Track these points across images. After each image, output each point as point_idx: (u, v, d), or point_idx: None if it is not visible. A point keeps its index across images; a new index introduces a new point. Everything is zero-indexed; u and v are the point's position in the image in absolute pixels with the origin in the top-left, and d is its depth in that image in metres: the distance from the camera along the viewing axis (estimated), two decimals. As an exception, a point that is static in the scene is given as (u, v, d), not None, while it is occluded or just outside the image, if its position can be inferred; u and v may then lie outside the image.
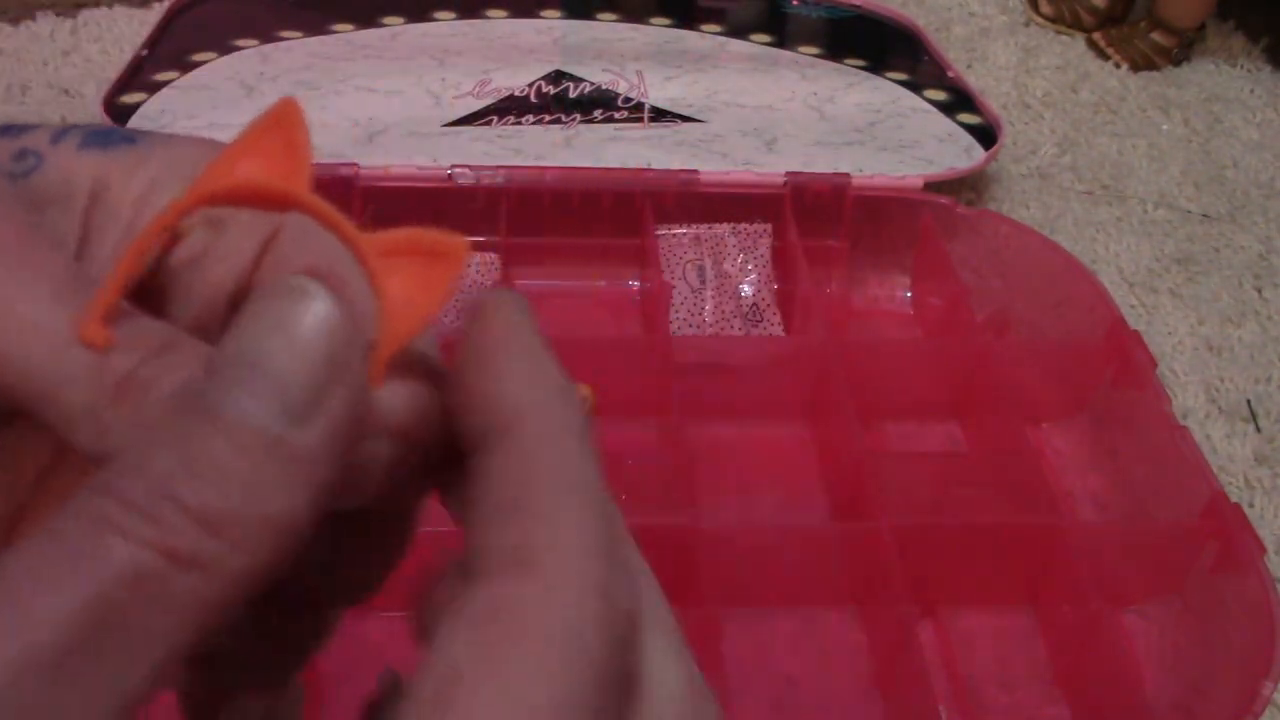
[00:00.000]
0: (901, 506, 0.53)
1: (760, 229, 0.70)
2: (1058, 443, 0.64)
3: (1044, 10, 1.06)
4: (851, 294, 0.72)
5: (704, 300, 0.68)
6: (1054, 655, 0.53)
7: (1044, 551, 0.53)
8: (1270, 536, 0.60)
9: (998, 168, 0.86)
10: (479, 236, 0.68)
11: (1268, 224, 0.84)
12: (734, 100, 0.82)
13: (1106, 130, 0.93)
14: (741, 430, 0.63)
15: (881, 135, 0.78)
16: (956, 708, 0.51)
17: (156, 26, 0.86)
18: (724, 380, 0.61)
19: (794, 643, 0.53)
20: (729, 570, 0.51)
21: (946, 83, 0.86)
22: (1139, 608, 0.55)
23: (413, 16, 0.91)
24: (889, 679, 0.51)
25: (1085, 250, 0.79)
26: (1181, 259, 0.79)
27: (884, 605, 0.51)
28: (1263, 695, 0.45)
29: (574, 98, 0.81)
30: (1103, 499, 0.61)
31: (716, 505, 0.58)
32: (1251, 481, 0.63)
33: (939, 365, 0.63)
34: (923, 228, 0.70)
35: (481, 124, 0.77)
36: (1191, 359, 0.71)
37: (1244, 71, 1.02)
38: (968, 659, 0.53)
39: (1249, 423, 0.67)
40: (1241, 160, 0.91)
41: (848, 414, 0.56)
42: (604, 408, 0.27)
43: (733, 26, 0.94)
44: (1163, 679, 0.52)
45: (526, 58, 0.85)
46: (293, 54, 0.84)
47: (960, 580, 0.54)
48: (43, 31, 0.92)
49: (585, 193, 0.68)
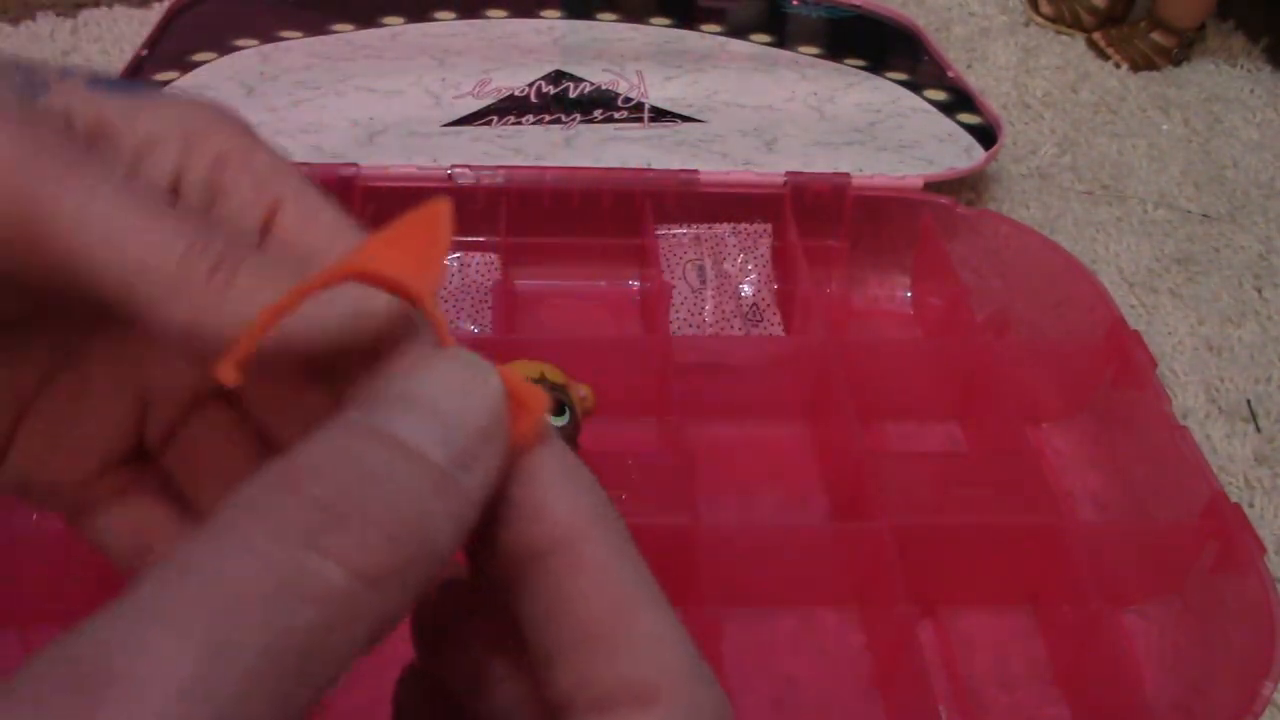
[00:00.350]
0: (901, 506, 0.53)
1: (760, 229, 0.70)
2: (1058, 443, 0.64)
3: (1044, 10, 1.06)
4: (851, 294, 0.72)
5: (704, 300, 0.68)
6: (1054, 655, 0.53)
7: (1044, 551, 0.53)
8: (1270, 536, 0.60)
9: (998, 168, 0.86)
10: (479, 236, 0.68)
11: (1268, 224, 0.84)
12: (734, 100, 0.82)
13: (1106, 130, 0.93)
14: (741, 430, 0.63)
15: (881, 135, 0.78)
16: (956, 708, 0.51)
17: (156, 26, 0.86)
18: (724, 380, 0.61)
19: (794, 643, 0.53)
20: (729, 570, 0.51)
21: (946, 83, 0.86)
22: (1139, 608, 0.55)
23: (413, 16, 0.91)
24: (889, 679, 0.51)
25: (1085, 250, 0.79)
26: (1181, 259, 0.79)
27: (884, 605, 0.51)
28: (1263, 695, 0.45)
29: (574, 98, 0.81)
30: (1103, 499, 0.61)
31: (716, 505, 0.58)
32: (1251, 481, 0.63)
33: (939, 365, 0.63)
34: (923, 228, 0.70)
35: (481, 124, 0.77)
36: (1191, 359, 0.71)
37: (1244, 71, 1.02)
38: (968, 659, 0.53)
39: (1249, 423, 0.67)
40: (1241, 160, 0.91)
41: (848, 414, 0.56)
42: (604, 408, 0.27)
43: (733, 26, 0.94)
44: (1163, 679, 0.52)
45: (526, 58, 0.85)
46: (293, 54, 0.84)
47: (960, 580, 0.54)
48: (43, 31, 0.93)
49: (585, 193, 0.68)
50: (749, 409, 0.62)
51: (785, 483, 0.60)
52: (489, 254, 0.68)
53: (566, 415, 0.35)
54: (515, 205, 0.67)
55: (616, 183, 0.69)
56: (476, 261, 0.68)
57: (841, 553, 0.53)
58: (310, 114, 0.76)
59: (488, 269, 0.68)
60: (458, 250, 0.68)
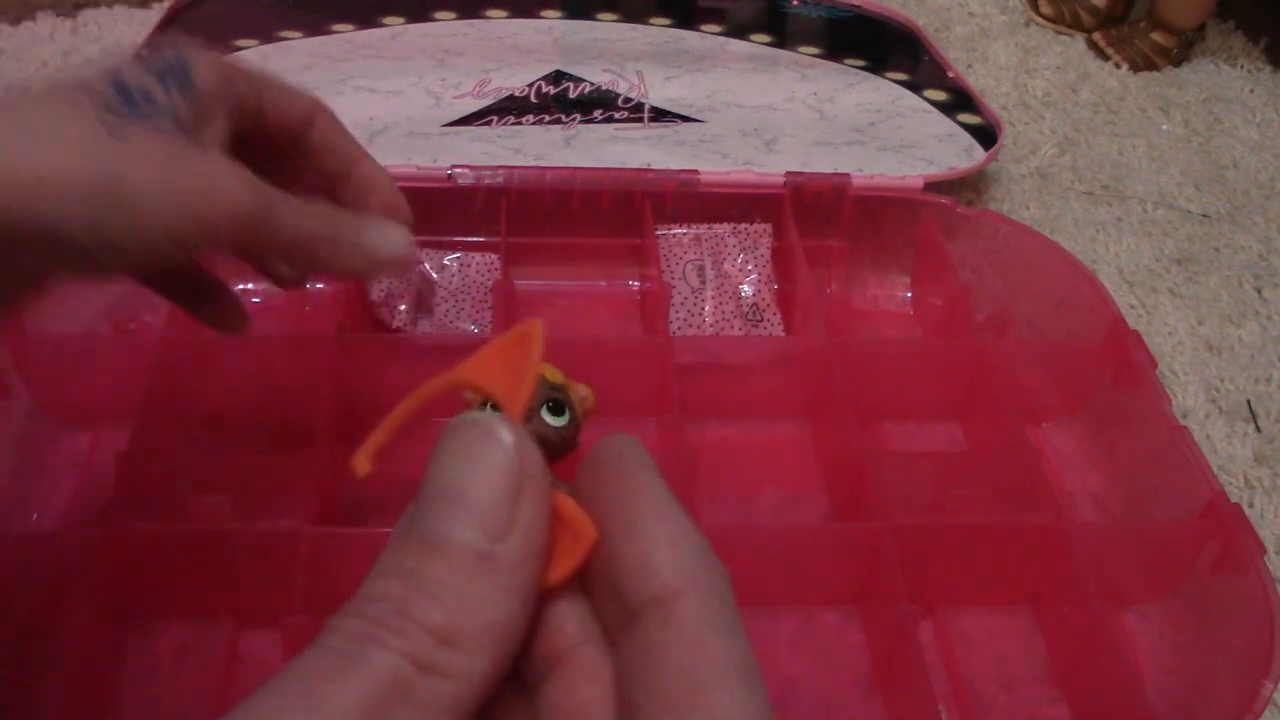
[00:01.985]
0: (901, 506, 0.53)
1: (760, 229, 0.70)
2: (1058, 443, 0.64)
3: (1044, 10, 1.06)
4: (851, 294, 0.71)
5: (704, 300, 0.68)
6: (1054, 655, 0.53)
7: (1044, 551, 0.53)
8: (1270, 536, 0.60)
9: (998, 168, 0.86)
10: (479, 236, 0.68)
11: (1268, 224, 0.84)
12: (734, 100, 0.82)
13: (1106, 130, 0.93)
14: (741, 430, 0.63)
15: (881, 135, 0.78)
16: (956, 707, 0.51)
17: (156, 26, 0.86)
18: (724, 380, 0.61)
19: (794, 643, 0.53)
20: (729, 570, 0.51)
21: (946, 83, 0.86)
22: (1139, 608, 0.55)
23: (413, 16, 0.91)
24: (889, 679, 0.51)
25: (1085, 250, 0.79)
26: (1181, 259, 0.79)
27: (884, 605, 0.51)
28: (1263, 695, 0.45)
29: (574, 98, 0.81)
30: (1103, 499, 0.61)
31: (716, 505, 0.58)
32: (1251, 481, 0.64)
33: (939, 365, 0.63)
34: (923, 228, 0.70)
35: (481, 124, 0.77)
36: (1191, 359, 0.71)
37: (1244, 71, 1.02)
38: (968, 659, 0.53)
39: (1249, 423, 0.67)
40: (1241, 160, 0.91)
41: (848, 414, 0.56)
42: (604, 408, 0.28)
43: (733, 26, 0.94)
44: (1163, 679, 0.52)
45: (526, 58, 0.85)
46: (293, 54, 0.84)
47: (960, 580, 0.54)
48: (43, 31, 0.93)
49: (585, 193, 0.68)
50: (749, 409, 0.62)
51: (785, 483, 0.60)
52: (489, 254, 0.68)
53: (566, 416, 0.34)
54: (515, 205, 0.67)
55: (616, 183, 0.69)
56: (476, 261, 0.68)
57: (841, 553, 0.53)
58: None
59: (488, 269, 0.68)
60: (457, 250, 0.68)
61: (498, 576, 0.18)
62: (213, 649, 0.50)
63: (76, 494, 0.56)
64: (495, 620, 0.18)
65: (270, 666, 0.49)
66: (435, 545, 0.18)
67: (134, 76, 0.32)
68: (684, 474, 0.54)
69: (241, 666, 0.50)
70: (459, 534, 0.18)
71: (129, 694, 0.48)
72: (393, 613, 0.17)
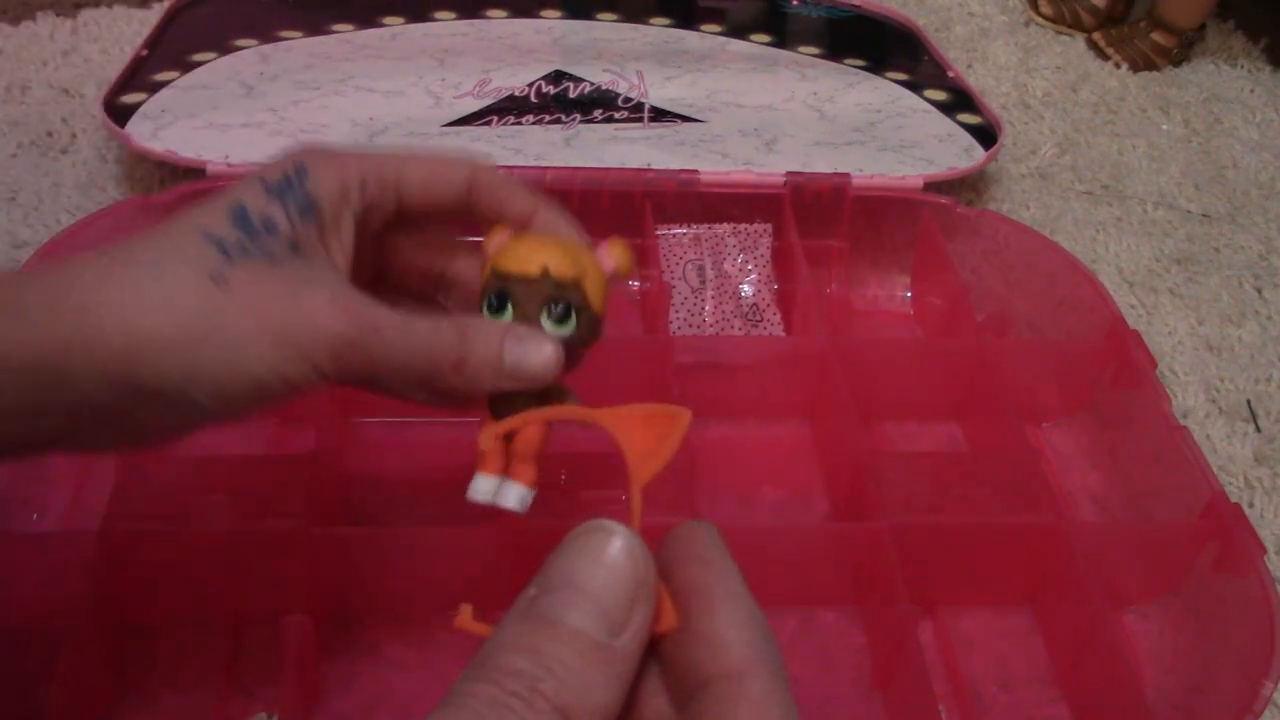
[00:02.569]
0: (901, 506, 0.53)
1: (760, 229, 0.70)
2: (1058, 443, 0.64)
3: (1044, 10, 1.06)
4: (851, 294, 0.71)
5: (704, 300, 0.68)
6: (1054, 655, 0.53)
7: (1044, 551, 0.53)
8: (1270, 536, 0.60)
9: (998, 168, 0.86)
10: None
11: (1268, 224, 0.84)
12: (734, 100, 0.82)
13: (1106, 130, 0.93)
14: (741, 430, 0.63)
15: (881, 135, 0.78)
16: (956, 708, 0.51)
17: (156, 26, 0.86)
18: (724, 380, 0.61)
19: (794, 643, 0.53)
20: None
21: (946, 83, 0.86)
22: (1139, 608, 0.55)
23: (413, 16, 0.91)
24: (889, 679, 0.51)
25: (1085, 250, 0.79)
26: (1181, 259, 0.79)
27: (884, 605, 0.51)
28: (1263, 695, 0.45)
29: (574, 98, 0.81)
30: (1103, 499, 0.61)
31: (716, 505, 0.58)
32: (1251, 481, 0.64)
33: (939, 365, 0.63)
34: (923, 228, 0.70)
35: (481, 124, 0.77)
36: (1191, 359, 0.71)
37: (1244, 71, 1.02)
38: (968, 659, 0.53)
39: (1249, 423, 0.67)
40: (1241, 160, 0.91)
41: (848, 414, 0.56)
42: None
43: (733, 26, 0.94)
44: (1163, 679, 0.52)
45: (526, 58, 0.85)
46: (293, 54, 0.84)
47: (960, 580, 0.54)
48: (43, 31, 0.93)
49: (585, 192, 0.68)
50: (749, 409, 0.62)
51: (785, 483, 0.60)
52: (489, 254, 0.68)
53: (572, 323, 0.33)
54: (515, 205, 0.67)
55: (616, 183, 0.69)
56: (476, 261, 0.68)
57: (841, 553, 0.53)
58: (310, 114, 0.76)
59: (488, 269, 0.68)
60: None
61: (612, 665, 0.21)
62: (213, 650, 0.50)
63: (76, 494, 0.56)
64: (604, 703, 0.20)
65: (270, 667, 0.49)
66: (560, 629, 0.21)
67: (255, 203, 0.33)
68: (684, 474, 0.54)
69: (241, 667, 0.50)
70: (581, 623, 0.21)
71: (129, 694, 0.48)
72: (526, 687, 0.20)
